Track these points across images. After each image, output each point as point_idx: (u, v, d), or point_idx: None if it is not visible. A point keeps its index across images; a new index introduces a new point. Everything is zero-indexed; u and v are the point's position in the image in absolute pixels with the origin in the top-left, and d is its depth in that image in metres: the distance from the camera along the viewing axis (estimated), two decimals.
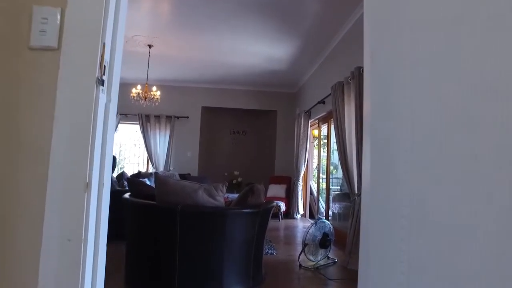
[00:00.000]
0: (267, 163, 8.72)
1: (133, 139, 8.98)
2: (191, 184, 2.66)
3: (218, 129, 8.96)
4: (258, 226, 2.81)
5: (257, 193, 2.82)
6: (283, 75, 7.44)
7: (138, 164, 9.14)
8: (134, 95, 5.93)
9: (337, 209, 5.75)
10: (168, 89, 8.30)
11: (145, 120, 8.37)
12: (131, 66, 7.17)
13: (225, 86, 8.55)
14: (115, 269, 3.23)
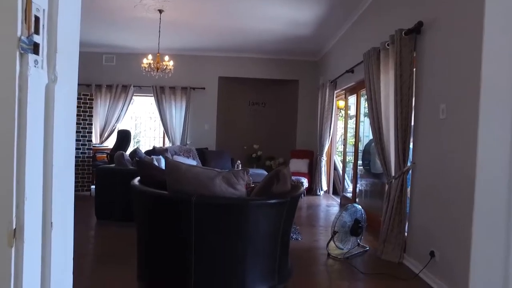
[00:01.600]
0: (288, 136, 8.29)
1: (148, 112, 8.68)
2: (206, 171, 2.29)
3: (236, 101, 8.51)
4: (285, 217, 2.44)
5: (283, 180, 2.43)
6: (306, 42, 6.82)
7: (154, 138, 8.89)
8: (145, 66, 5.52)
9: (365, 187, 5.33)
10: (182, 59, 7.84)
11: (160, 92, 8.00)
12: (140, 35, 6.72)
13: (243, 55, 8.01)
14: (129, 256, 2.99)
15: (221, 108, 8.27)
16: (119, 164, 4.53)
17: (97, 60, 8.19)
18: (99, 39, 7.33)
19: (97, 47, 7.98)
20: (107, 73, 8.16)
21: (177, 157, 6.37)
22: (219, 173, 2.26)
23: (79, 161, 5.86)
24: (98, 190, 4.44)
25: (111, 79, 8.11)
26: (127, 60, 8.07)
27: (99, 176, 4.44)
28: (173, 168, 2.34)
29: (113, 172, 4.41)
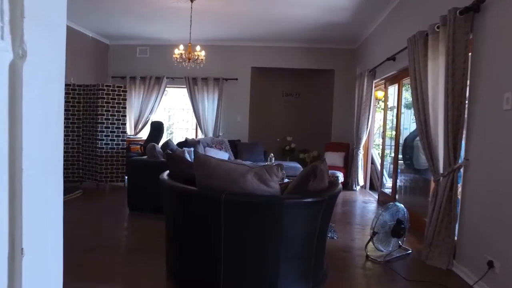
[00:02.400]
0: (323, 129, 7.99)
1: (181, 104, 8.69)
2: (237, 166, 2.13)
3: (270, 92, 8.31)
4: (322, 217, 2.25)
5: (320, 176, 2.23)
6: (343, 29, 6.46)
7: (187, 129, 8.90)
8: (176, 56, 5.45)
9: (406, 183, 4.99)
10: (214, 49, 7.73)
11: (192, 83, 7.96)
12: (173, 25, 6.66)
13: (276, 44, 7.76)
14: (159, 251, 2.93)
15: (254, 99, 8.11)
16: (151, 156, 4.51)
17: (131, 53, 8.28)
18: (133, 32, 7.37)
19: (131, 40, 8.06)
20: (141, 65, 8.23)
21: (209, 149, 6.30)
22: (250, 169, 2.10)
23: (113, 152, 5.94)
24: (130, 181, 4.45)
25: (145, 71, 8.17)
26: (161, 51, 8.08)
27: (131, 167, 4.44)
28: (202, 162, 2.20)
29: (145, 164, 4.39)
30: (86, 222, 4.01)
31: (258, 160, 6.75)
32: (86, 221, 4.07)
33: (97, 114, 5.79)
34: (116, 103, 5.90)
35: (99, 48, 8.03)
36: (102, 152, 5.85)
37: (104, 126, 5.83)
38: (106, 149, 5.87)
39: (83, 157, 6.10)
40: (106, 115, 5.84)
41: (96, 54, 7.90)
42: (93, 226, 3.90)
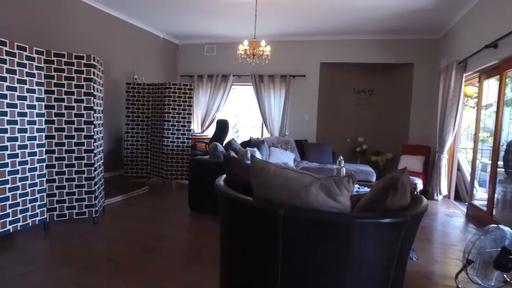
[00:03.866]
0: (399, 129, 7.22)
1: (247, 102, 8.56)
2: (300, 176, 1.80)
3: (340, 88, 7.76)
4: (403, 242, 1.81)
5: (401, 190, 1.79)
6: (425, 16, 5.69)
7: (253, 128, 8.75)
8: (241, 52, 5.25)
9: (508, 197, 4.16)
10: (281, 45, 7.43)
11: (259, 81, 7.77)
12: (239, 22, 6.50)
13: (348, 37, 7.20)
14: (215, 258, 2.73)
15: (323, 97, 7.64)
16: (213, 156, 4.37)
17: (199, 52, 8.37)
18: (201, 30, 7.40)
19: (199, 39, 8.13)
20: (208, 64, 8.28)
21: (274, 149, 6.03)
22: (316, 180, 1.75)
23: (178, 150, 5.99)
24: (191, 181, 4.36)
25: (212, 69, 8.20)
26: (227, 49, 8.04)
27: (193, 167, 4.35)
28: (259, 169, 1.91)
29: (206, 164, 4.27)
30: (149, 220, 4.01)
31: (326, 162, 6.31)
32: (149, 218, 4.07)
33: (164, 112, 5.88)
34: (182, 101, 5.93)
35: (170, 48, 8.25)
36: (168, 149, 5.93)
37: (170, 124, 5.90)
38: (171, 146, 5.94)
39: (151, 154, 6.26)
40: (173, 113, 5.90)
41: (166, 54, 8.13)
42: (154, 224, 3.87)
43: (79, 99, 3.60)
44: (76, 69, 3.58)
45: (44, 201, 3.55)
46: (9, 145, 3.19)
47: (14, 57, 3.19)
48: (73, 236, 3.43)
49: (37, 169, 3.46)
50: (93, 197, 3.74)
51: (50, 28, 5.18)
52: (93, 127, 3.68)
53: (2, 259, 2.88)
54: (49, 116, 3.51)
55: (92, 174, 3.71)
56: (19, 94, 3.25)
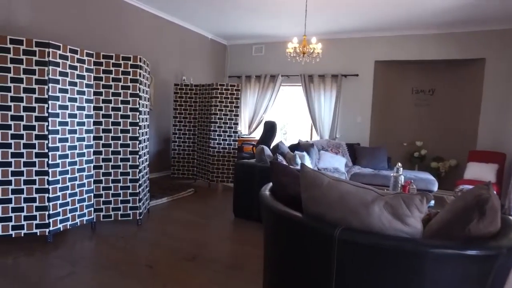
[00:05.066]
0: (465, 133, 6.50)
1: (295, 103, 8.26)
2: (361, 191, 1.51)
3: (396, 88, 7.19)
4: (493, 280, 1.44)
5: (491, 215, 1.43)
6: (500, 1, 5.01)
7: (301, 130, 8.43)
8: (290, 51, 4.99)
9: None
10: (332, 43, 7.05)
11: (308, 81, 7.45)
12: (288, 20, 6.23)
13: (406, 32, 6.63)
14: (258, 273, 2.52)
15: (377, 97, 7.12)
16: (259, 159, 4.16)
17: (247, 52, 8.24)
18: (249, 30, 7.26)
19: (247, 39, 8.00)
20: (256, 64, 8.12)
21: (324, 153, 5.69)
22: (380, 196, 1.45)
23: (225, 152, 5.87)
24: (236, 186, 4.19)
25: (260, 69, 8.03)
26: (275, 48, 7.82)
27: (238, 171, 4.17)
28: (311, 181, 1.65)
29: (252, 168, 4.07)
30: (192, 225, 3.90)
31: (380, 168, 5.83)
32: (192, 223, 3.96)
33: (211, 113, 5.80)
34: (229, 102, 5.81)
35: (218, 48, 8.22)
36: (214, 151, 5.83)
37: (217, 126, 5.81)
38: (218, 148, 5.84)
39: (198, 156, 6.22)
40: (220, 115, 5.80)
41: (214, 54, 8.10)
42: (197, 229, 3.75)
43: (125, 100, 3.58)
44: (123, 70, 3.56)
45: (91, 201, 3.57)
46: (60, 146, 3.24)
47: (66, 60, 3.23)
48: (116, 237, 3.41)
49: (85, 169, 3.49)
50: (137, 199, 3.71)
51: (102, 31, 5.32)
52: (138, 129, 3.64)
53: (51, 257, 2.91)
54: (97, 118, 3.53)
55: (136, 176, 3.68)
56: (70, 96, 3.29)
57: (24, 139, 3.10)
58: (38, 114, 3.10)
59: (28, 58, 3.06)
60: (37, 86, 3.09)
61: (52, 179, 3.19)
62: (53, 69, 3.13)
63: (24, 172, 3.12)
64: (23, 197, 3.14)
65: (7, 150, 3.07)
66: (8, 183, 3.09)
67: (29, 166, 3.12)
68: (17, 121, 3.07)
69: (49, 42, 3.09)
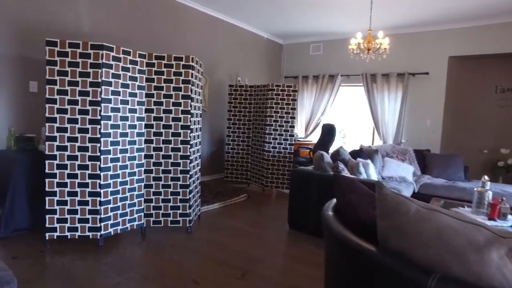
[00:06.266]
0: None
1: (356, 104, 7.70)
2: (466, 226, 1.10)
3: (475, 87, 6.34)
4: None
5: None
6: None
7: (362, 133, 7.84)
8: (353, 47, 4.54)
9: None
10: (398, 39, 6.41)
11: (371, 81, 6.87)
12: (348, 15, 5.75)
13: (485, 22, 5.78)
14: None
15: (451, 98, 6.34)
16: (318, 167, 3.78)
17: (304, 51, 7.87)
18: (307, 28, 6.89)
19: (305, 37, 7.64)
20: (314, 63, 7.72)
21: (389, 160, 5.13)
22: (498, 238, 1.04)
23: (280, 157, 5.57)
24: (292, 194, 3.85)
25: (318, 69, 7.61)
26: (335, 47, 7.35)
27: (294, 178, 3.83)
28: (393, 207, 1.27)
29: (309, 176, 3.70)
30: (243, 235, 3.64)
31: (455, 179, 5.11)
32: (243, 233, 3.71)
33: (266, 115, 5.53)
34: (285, 104, 5.50)
35: (273, 48, 7.95)
36: (269, 155, 5.55)
37: (272, 129, 5.52)
38: (273, 152, 5.56)
39: (252, 159, 5.99)
40: (275, 117, 5.51)
41: (270, 54, 7.84)
42: (248, 241, 3.48)
43: (177, 102, 3.44)
44: (175, 71, 3.42)
45: (141, 206, 3.48)
46: (111, 149, 3.17)
47: (119, 62, 3.16)
48: (165, 246, 3.26)
49: (136, 173, 3.40)
50: (187, 206, 3.54)
51: (159, 34, 5.31)
52: (189, 132, 3.47)
53: (101, 264, 2.83)
54: (149, 120, 3.43)
55: (187, 181, 3.51)
56: (122, 98, 3.22)
57: (79, 141, 3.08)
58: (92, 117, 3.06)
59: (84, 61, 3.03)
60: (91, 89, 3.05)
61: (104, 182, 3.13)
62: (106, 71, 3.07)
63: (78, 175, 3.10)
64: (77, 199, 3.12)
65: (64, 153, 3.07)
66: (64, 185, 3.09)
67: (83, 169, 3.10)
68: (72, 124, 3.05)
69: (102, 44, 3.04)
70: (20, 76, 3.85)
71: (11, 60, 3.77)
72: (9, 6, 3.71)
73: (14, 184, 3.40)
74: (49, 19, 4.02)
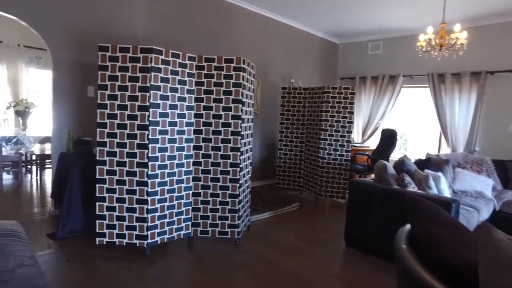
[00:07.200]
0: None
1: (419, 107, 7.01)
2: None
3: None
4: None
5: None
6: None
7: (426, 139, 7.13)
8: (422, 44, 4.03)
9: None
10: (475, 32, 5.67)
11: (438, 81, 6.19)
12: (411, 8, 5.18)
13: None
14: None
15: None
16: (380, 178, 3.37)
17: (362, 50, 7.36)
18: (365, 26, 6.42)
19: (362, 36, 7.14)
20: (372, 63, 7.19)
21: (461, 171, 4.52)
22: None
23: (335, 164, 5.18)
24: (350, 208, 3.48)
25: (377, 69, 7.07)
26: (396, 45, 6.77)
27: (353, 191, 3.46)
28: (509, 256, 0.92)
29: (371, 190, 3.30)
30: (293, 251, 3.35)
31: None
32: (294, 248, 3.41)
33: (321, 120, 5.18)
34: (342, 108, 5.11)
35: (328, 48, 7.54)
36: (324, 162, 5.19)
37: (327, 134, 5.16)
38: (328, 159, 5.19)
39: (305, 166, 5.66)
40: (331, 121, 5.14)
41: (325, 55, 7.45)
42: (299, 258, 3.18)
43: (227, 107, 3.25)
44: (225, 73, 3.23)
45: (189, 214, 3.34)
46: (159, 155, 3.07)
47: (168, 65, 3.06)
48: (212, 258, 3.08)
49: (184, 181, 3.27)
50: (236, 217, 3.34)
51: (212, 36, 5.22)
52: (239, 139, 3.27)
53: (145, 275, 2.73)
54: (197, 126, 3.28)
55: (236, 191, 3.31)
56: (170, 103, 3.10)
57: (127, 148, 3.01)
58: (140, 122, 2.98)
59: (133, 65, 2.96)
60: (140, 93, 2.97)
61: (151, 190, 3.04)
62: (155, 75, 2.97)
63: (126, 181, 3.04)
64: (125, 206, 3.06)
65: (113, 159, 3.03)
66: (113, 191, 3.05)
67: (131, 175, 3.03)
68: (121, 129, 3.00)
69: (152, 47, 2.95)
70: (78, 81, 3.94)
71: (70, 66, 3.87)
72: (69, 14, 3.81)
73: (71, 186, 3.46)
74: (105, 24, 4.08)
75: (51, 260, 2.88)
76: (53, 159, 3.96)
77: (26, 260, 1.88)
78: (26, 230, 2.04)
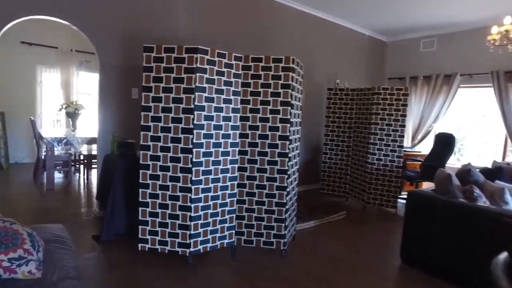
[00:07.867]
0: None
1: (479, 109, 6.41)
2: None
3: None
4: None
5: None
6: None
7: (488, 145, 6.51)
8: (494, 37, 3.59)
9: None
10: None
11: (504, 80, 5.61)
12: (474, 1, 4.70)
13: None
14: None
15: None
16: (443, 190, 3.02)
17: (413, 48, 6.88)
18: (416, 21, 5.96)
19: (414, 32, 6.66)
20: (425, 62, 6.69)
21: None
22: None
23: (385, 170, 4.82)
24: (408, 222, 3.15)
25: (430, 68, 6.56)
26: (452, 41, 6.24)
27: (412, 202, 3.12)
28: None
29: (433, 203, 2.96)
30: (341, 266, 3.08)
31: None
32: (342, 262, 3.14)
33: (370, 123, 4.84)
34: (394, 110, 4.74)
35: (376, 47, 7.12)
36: (373, 168, 4.85)
37: (377, 138, 4.81)
38: (377, 165, 4.84)
39: (351, 171, 5.34)
40: (381, 125, 4.78)
41: (372, 54, 7.04)
42: (350, 274, 2.91)
43: (275, 110, 3.05)
44: (273, 74, 3.04)
45: (233, 223, 3.18)
46: (204, 160, 2.94)
47: (214, 66, 2.92)
48: (256, 270, 2.90)
49: (229, 187, 3.11)
50: (283, 227, 3.13)
51: (254, 34, 5.05)
52: (288, 143, 3.06)
53: (186, 286, 2.59)
54: (243, 130, 3.11)
55: (283, 199, 3.10)
56: (216, 105, 2.96)
57: (171, 152, 2.91)
58: (184, 125, 2.86)
59: (178, 66, 2.85)
60: (184, 95, 2.85)
61: (195, 196, 2.91)
62: (200, 76, 2.84)
63: (169, 187, 2.93)
64: (168, 212, 2.96)
65: (156, 163, 2.94)
66: (156, 197, 2.96)
67: (174, 181, 2.92)
68: (165, 133, 2.90)
69: (197, 47, 2.82)
70: (123, 83, 3.92)
71: (116, 68, 3.86)
72: (115, 17, 3.80)
73: (115, 188, 3.43)
74: (150, 26, 4.04)
75: (94, 265, 2.84)
76: (99, 160, 3.97)
77: (70, 271, 1.81)
78: (73, 231, 1.97)
